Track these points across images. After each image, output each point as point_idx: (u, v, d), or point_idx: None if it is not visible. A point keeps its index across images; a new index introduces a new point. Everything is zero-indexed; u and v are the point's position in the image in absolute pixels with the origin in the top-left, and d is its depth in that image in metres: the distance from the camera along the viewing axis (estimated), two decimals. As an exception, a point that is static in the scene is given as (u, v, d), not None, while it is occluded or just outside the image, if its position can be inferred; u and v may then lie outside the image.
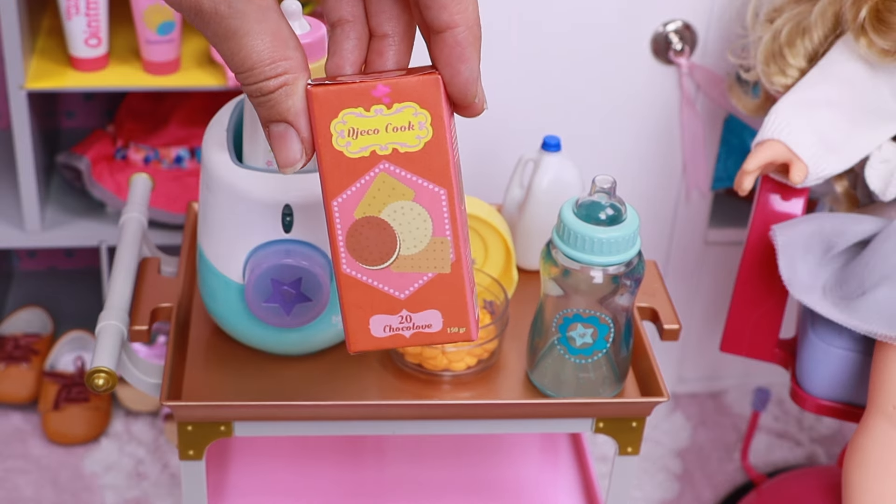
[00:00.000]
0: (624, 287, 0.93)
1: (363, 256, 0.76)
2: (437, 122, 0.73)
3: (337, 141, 0.73)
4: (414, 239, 0.76)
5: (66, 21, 1.47)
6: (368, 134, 0.73)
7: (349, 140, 0.73)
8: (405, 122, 0.73)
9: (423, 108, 0.73)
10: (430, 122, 0.73)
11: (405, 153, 0.74)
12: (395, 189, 0.74)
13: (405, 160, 0.74)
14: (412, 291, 0.77)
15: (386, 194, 0.75)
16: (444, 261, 0.76)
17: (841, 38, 1.26)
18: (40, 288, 1.87)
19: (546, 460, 1.19)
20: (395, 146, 0.74)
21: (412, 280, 0.77)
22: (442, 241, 0.76)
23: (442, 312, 0.77)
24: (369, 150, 0.73)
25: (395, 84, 0.72)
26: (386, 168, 0.74)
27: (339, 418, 0.97)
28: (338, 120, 0.72)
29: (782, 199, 1.28)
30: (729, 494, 1.65)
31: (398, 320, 0.77)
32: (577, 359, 0.96)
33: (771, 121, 1.24)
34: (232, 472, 1.15)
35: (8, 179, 1.65)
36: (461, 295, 0.77)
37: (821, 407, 1.26)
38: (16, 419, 1.69)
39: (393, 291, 0.77)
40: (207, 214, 0.96)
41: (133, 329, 1.02)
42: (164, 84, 1.51)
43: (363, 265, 0.76)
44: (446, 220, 0.76)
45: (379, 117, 0.73)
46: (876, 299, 1.17)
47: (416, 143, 0.74)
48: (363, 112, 0.73)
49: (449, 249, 0.76)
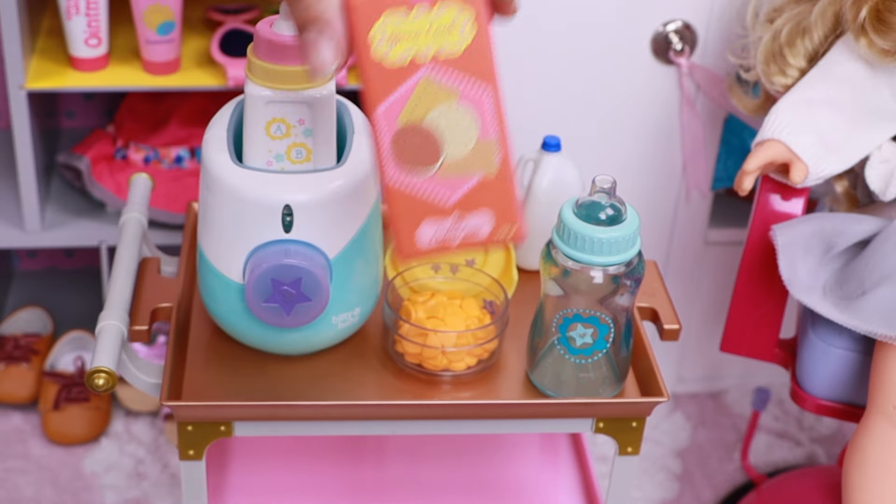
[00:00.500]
0: (624, 287, 0.93)
1: (409, 165, 0.75)
2: (481, 21, 0.72)
3: (376, 48, 0.72)
4: (460, 143, 0.75)
5: (66, 21, 1.47)
6: (408, 38, 0.72)
7: (388, 46, 0.72)
8: (448, 22, 0.72)
9: (466, 5, 0.72)
10: (474, 19, 0.72)
11: (448, 56, 0.72)
12: (439, 93, 0.73)
13: (448, 63, 0.72)
14: (460, 196, 0.76)
15: (430, 98, 0.73)
16: (491, 162, 0.75)
17: (841, 38, 1.26)
18: (40, 288, 1.87)
19: (546, 460, 1.19)
20: (436, 50, 0.72)
21: (459, 184, 0.75)
22: (488, 143, 0.75)
23: (493, 212, 0.76)
24: (410, 57, 0.72)
25: None
26: (428, 73, 0.73)
27: (339, 418, 0.97)
28: (378, 25, 0.71)
29: (782, 199, 1.28)
30: (729, 494, 1.65)
31: (446, 227, 0.76)
32: (577, 359, 0.96)
33: (771, 121, 1.24)
34: (232, 472, 1.15)
35: (8, 179, 1.65)
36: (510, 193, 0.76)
37: (821, 407, 1.26)
38: (16, 419, 1.69)
39: (440, 197, 0.76)
40: (207, 214, 0.96)
41: (133, 329, 1.02)
42: (164, 84, 1.51)
43: (410, 174, 0.75)
44: (492, 121, 0.75)
45: (421, 20, 0.71)
46: (876, 299, 1.17)
47: (458, 44, 0.72)
48: (404, 14, 0.71)
49: (496, 150, 0.75)
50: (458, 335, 0.98)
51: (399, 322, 0.99)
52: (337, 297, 0.96)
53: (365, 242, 0.97)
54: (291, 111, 0.90)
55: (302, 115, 0.91)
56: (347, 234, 0.95)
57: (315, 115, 0.91)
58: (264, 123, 0.91)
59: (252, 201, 0.92)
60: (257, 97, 0.90)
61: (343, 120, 0.98)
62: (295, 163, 0.93)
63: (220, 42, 1.54)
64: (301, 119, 0.91)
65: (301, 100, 0.90)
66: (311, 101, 0.90)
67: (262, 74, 0.90)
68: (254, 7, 1.64)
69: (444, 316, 1.01)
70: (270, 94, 0.90)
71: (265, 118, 0.91)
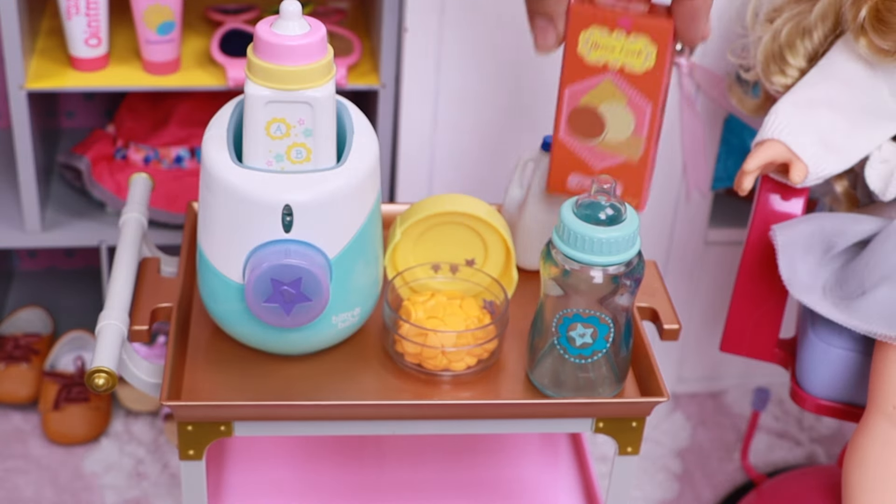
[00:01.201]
0: (624, 287, 0.93)
1: (578, 132, 1.01)
2: (661, 57, 0.94)
3: (581, 47, 0.95)
4: (618, 131, 1.00)
5: (66, 21, 1.47)
6: (605, 48, 0.95)
7: (590, 49, 0.95)
8: (637, 49, 0.95)
9: (654, 42, 0.94)
10: (656, 55, 0.94)
11: (629, 71, 0.96)
12: (615, 94, 0.97)
13: (628, 76, 0.96)
14: (605, 166, 1.02)
15: (607, 95, 0.97)
16: (636, 152, 1.01)
17: (841, 38, 1.26)
18: (40, 288, 1.87)
19: (546, 460, 1.19)
20: (623, 63, 0.95)
21: (608, 158, 1.02)
22: (639, 139, 1.00)
23: (624, 186, 1.02)
24: (603, 62, 0.96)
25: (637, 20, 0.93)
26: (612, 77, 0.97)
27: (339, 418, 0.97)
28: (586, 31, 0.95)
29: (782, 199, 1.28)
30: (729, 494, 1.65)
31: (588, 181, 1.02)
32: (576, 359, 0.96)
33: (771, 121, 1.24)
34: (232, 472, 1.15)
35: (8, 179, 1.65)
36: (641, 178, 1.02)
37: (821, 407, 1.26)
38: (16, 419, 1.69)
39: (592, 161, 1.02)
40: (207, 214, 0.96)
41: (133, 329, 1.02)
42: (164, 84, 1.51)
43: (576, 138, 1.01)
44: (645, 126, 0.99)
45: (618, 40, 0.94)
46: (876, 299, 1.17)
47: (640, 66, 0.95)
48: (607, 31, 0.94)
49: (642, 145, 1.00)
50: (458, 335, 0.99)
51: (399, 322, 0.99)
52: (337, 297, 0.96)
53: (365, 242, 0.97)
54: (291, 111, 0.90)
55: (302, 116, 0.91)
56: (347, 234, 0.95)
57: (315, 115, 0.91)
58: (264, 123, 0.91)
59: (252, 201, 0.92)
60: (257, 97, 0.90)
61: (343, 120, 0.98)
62: (295, 163, 0.93)
63: (220, 42, 1.54)
64: (301, 119, 0.91)
65: (301, 100, 0.90)
66: (311, 100, 0.90)
67: (261, 74, 0.89)
68: (254, 7, 1.64)
69: (444, 316, 1.01)
70: (270, 93, 0.90)
71: (265, 118, 0.91)
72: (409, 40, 1.48)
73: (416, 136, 1.54)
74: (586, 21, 0.94)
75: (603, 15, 0.94)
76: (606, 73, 0.97)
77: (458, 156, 1.57)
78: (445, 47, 1.48)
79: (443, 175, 1.57)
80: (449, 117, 1.53)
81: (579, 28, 0.95)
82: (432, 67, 1.50)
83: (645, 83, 0.96)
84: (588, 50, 0.96)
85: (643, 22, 0.93)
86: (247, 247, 0.94)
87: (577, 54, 0.96)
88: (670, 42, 0.94)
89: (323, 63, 0.90)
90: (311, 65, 0.89)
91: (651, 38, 0.94)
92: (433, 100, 1.52)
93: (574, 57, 0.96)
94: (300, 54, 0.89)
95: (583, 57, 0.96)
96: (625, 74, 0.96)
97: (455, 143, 1.55)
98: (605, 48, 0.95)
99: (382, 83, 1.52)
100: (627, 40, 0.94)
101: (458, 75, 1.50)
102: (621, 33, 0.94)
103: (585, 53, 0.96)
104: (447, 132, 1.55)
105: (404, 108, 1.52)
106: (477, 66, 1.50)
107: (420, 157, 1.56)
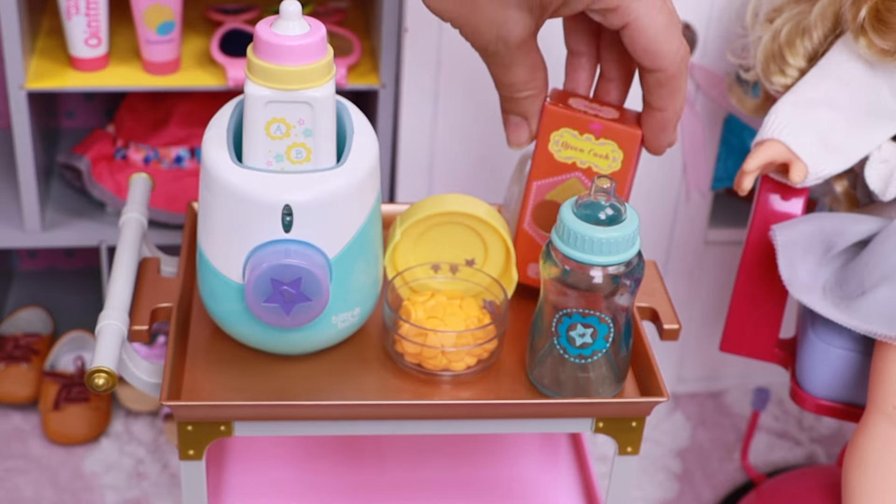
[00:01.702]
0: (624, 287, 0.93)
1: (541, 225, 1.03)
2: (627, 162, 0.98)
3: (552, 145, 0.99)
4: None
5: (65, 21, 1.47)
6: (575, 149, 0.99)
7: (560, 148, 0.99)
8: (605, 153, 0.99)
9: (621, 149, 0.98)
10: (622, 160, 0.98)
11: (596, 171, 0.99)
12: (580, 191, 0.99)
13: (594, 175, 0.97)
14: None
15: (573, 191, 1.01)
16: None
17: (841, 38, 1.26)
18: (40, 288, 1.87)
19: (546, 460, 1.19)
20: (590, 165, 0.99)
21: None
22: None
23: None
24: (571, 161, 1.00)
25: (607, 126, 0.98)
26: (579, 176, 1.00)
27: (339, 418, 0.97)
28: (557, 132, 0.99)
29: (782, 199, 1.28)
30: (729, 494, 1.65)
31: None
32: (576, 359, 0.96)
33: (771, 121, 1.24)
34: (231, 472, 1.15)
35: (8, 180, 1.65)
36: None
37: (821, 407, 1.26)
38: (16, 419, 1.69)
39: None
40: (207, 214, 0.95)
41: (133, 329, 1.02)
42: (164, 84, 1.51)
43: (539, 231, 1.04)
44: None
45: (587, 142, 0.98)
46: (876, 299, 1.17)
47: (607, 168, 0.99)
48: (577, 134, 0.98)
49: None
50: (458, 335, 0.98)
51: (399, 322, 0.99)
52: (337, 297, 0.96)
53: (365, 242, 0.97)
54: (291, 111, 0.90)
55: (302, 116, 0.91)
56: (347, 234, 0.95)
57: (315, 116, 0.91)
58: (264, 123, 0.91)
59: (252, 201, 0.92)
60: (257, 97, 0.90)
61: (343, 120, 0.98)
62: (295, 163, 0.93)
63: (220, 42, 1.54)
64: (301, 119, 0.91)
65: (301, 100, 0.90)
66: (311, 101, 0.90)
67: (261, 74, 0.89)
68: (254, 7, 1.64)
69: (444, 316, 1.01)
70: (270, 93, 0.90)
71: (265, 118, 0.91)
72: (409, 40, 1.48)
73: (416, 136, 1.54)
74: (558, 123, 0.98)
75: (575, 118, 0.98)
76: (574, 172, 1.00)
77: (458, 156, 1.56)
78: (445, 47, 1.48)
79: (443, 175, 1.57)
80: (449, 117, 1.53)
81: (551, 128, 0.98)
82: (432, 67, 1.50)
83: None
84: (558, 149, 0.99)
85: (612, 128, 0.97)
86: (247, 247, 0.94)
87: (547, 151, 0.99)
88: (636, 149, 0.98)
89: (323, 63, 0.90)
90: (310, 65, 0.89)
91: (619, 143, 0.98)
92: (433, 100, 1.52)
93: (544, 154, 1.00)
94: (300, 54, 0.89)
95: (553, 154, 1.00)
96: (591, 174, 1.00)
97: (455, 143, 1.55)
98: (575, 149, 0.99)
99: (382, 83, 1.52)
100: (596, 143, 0.98)
101: (458, 75, 1.50)
102: (591, 136, 0.98)
103: (555, 152, 0.99)
104: (447, 132, 1.55)
105: (404, 108, 1.52)
106: (477, 66, 1.49)
107: (420, 157, 1.56)
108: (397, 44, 1.49)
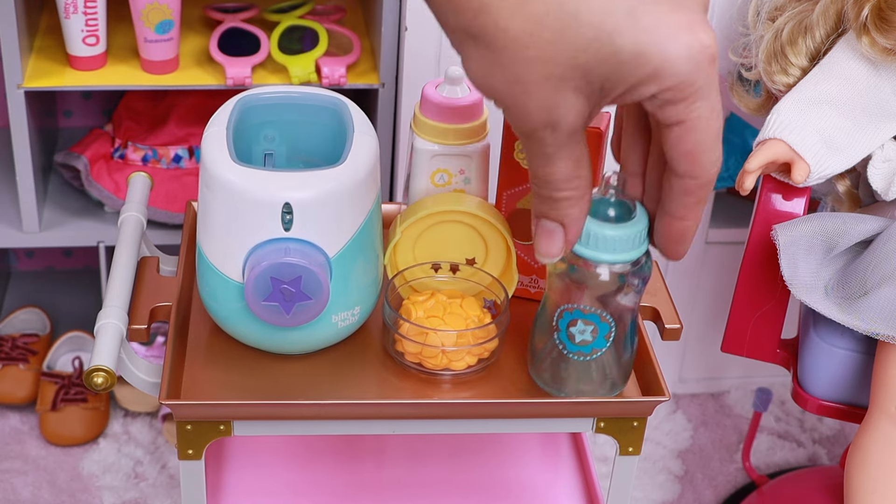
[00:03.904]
0: (630, 286, 0.92)
1: (516, 233, 1.03)
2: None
3: (516, 153, 1.01)
4: None
5: (64, 20, 1.47)
6: None
7: (524, 155, 0.90)
8: None
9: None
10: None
11: None
12: None
13: None
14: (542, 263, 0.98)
15: None
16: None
17: (843, 36, 1.26)
18: (38, 288, 1.87)
19: (546, 460, 1.19)
20: None
21: None
22: None
23: None
24: None
25: None
26: None
27: (339, 418, 0.97)
28: (519, 140, 0.94)
29: (784, 199, 1.28)
30: (730, 495, 1.64)
31: (528, 280, 1.07)
32: (576, 355, 0.96)
33: (773, 120, 1.24)
34: (231, 472, 1.15)
35: (6, 179, 1.65)
36: None
37: (822, 407, 1.26)
38: (13, 420, 1.68)
39: (530, 259, 1.05)
40: (207, 213, 0.95)
41: (132, 328, 1.02)
42: (162, 83, 1.50)
43: (518, 240, 1.03)
44: None
45: None
46: (878, 299, 1.17)
47: None
48: None
49: None
50: (459, 334, 0.98)
51: (399, 321, 0.99)
52: (337, 296, 0.96)
53: (365, 241, 0.97)
54: (454, 163, 1.02)
55: (462, 166, 1.02)
56: (348, 233, 0.94)
57: (473, 166, 1.02)
58: (429, 173, 1.02)
59: (251, 199, 0.92)
60: (425, 151, 1.01)
61: (343, 119, 0.98)
62: None
63: (219, 41, 1.53)
64: (461, 169, 1.02)
65: (463, 153, 1.01)
66: (472, 154, 1.01)
67: (429, 131, 1.01)
68: (252, 6, 1.63)
69: (445, 315, 1.00)
70: (436, 148, 1.01)
71: (430, 169, 1.02)
72: (409, 40, 1.47)
73: (416, 135, 1.54)
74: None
75: None
76: None
77: (458, 155, 1.56)
78: (445, 47, 1.48)
79: (443, 175, 1.57)
80: (449, 116, 1.53)
81: (514, 136, 0.99)
82: (432, 67, 1.49)
83: None
84: (523, 157, 1.00)
85: None
86: (246, 245, 0.93)
87: (512, 160, 1.01)
88: (600, 146, 0.98)
89: (482, 122, 1.02)
90: (472, 123, 1.01)
91: None
92: (433, 99, 1.52)
93: (510, 163, 1.01)
94: (464, 115, 1.00)
95: (519, 162, 1.01)
96: None
97: (455, 143, 1.55)
98: None
99: (382, 82, 1.51)
100: None
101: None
102: None
103: (521, 160, 1.01)
104: (447, 131, 1.54)
105: (404, 107, 1.52)
106: (477, 65, 1.49)
107: (420, 156, 1.56)
108: (397, 43, 1.49)
